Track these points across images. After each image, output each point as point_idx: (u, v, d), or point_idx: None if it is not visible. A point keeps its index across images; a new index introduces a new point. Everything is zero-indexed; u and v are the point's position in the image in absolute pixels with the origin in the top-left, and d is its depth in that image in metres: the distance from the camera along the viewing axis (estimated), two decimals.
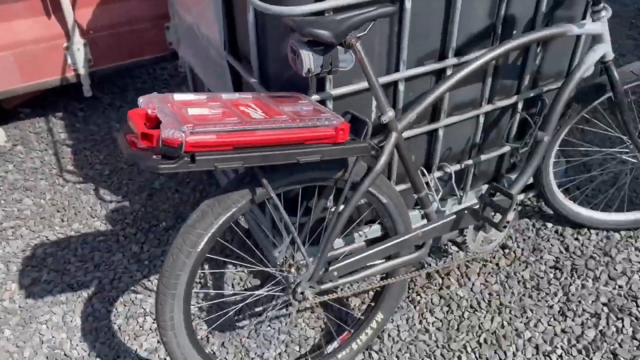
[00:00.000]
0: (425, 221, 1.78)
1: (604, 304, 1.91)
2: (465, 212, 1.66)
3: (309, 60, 1.27)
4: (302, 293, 1.48)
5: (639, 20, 3.72)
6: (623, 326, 1.84)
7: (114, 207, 2.37)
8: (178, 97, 1.28)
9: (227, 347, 1.82)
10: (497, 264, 2.06)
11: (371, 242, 1.88)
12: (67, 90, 3.03)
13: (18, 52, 2.49)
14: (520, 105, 1.93)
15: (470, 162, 1.98)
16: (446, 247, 2.11)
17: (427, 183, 1.91)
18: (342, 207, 1.43)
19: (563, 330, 1.84)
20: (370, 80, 1.38)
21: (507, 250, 2.11)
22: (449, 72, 1.67)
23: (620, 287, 1.97)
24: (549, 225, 2.21)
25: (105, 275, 2.07)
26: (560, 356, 1.76)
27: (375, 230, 1.89)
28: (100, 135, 2.80)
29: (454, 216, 1.65)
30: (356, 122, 1.40)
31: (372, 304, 1.74)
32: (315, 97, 1.50)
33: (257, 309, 1.91)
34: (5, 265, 2.11)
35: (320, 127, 1.24)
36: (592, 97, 1.83)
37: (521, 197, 2.30)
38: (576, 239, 2.15)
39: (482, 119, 1.89)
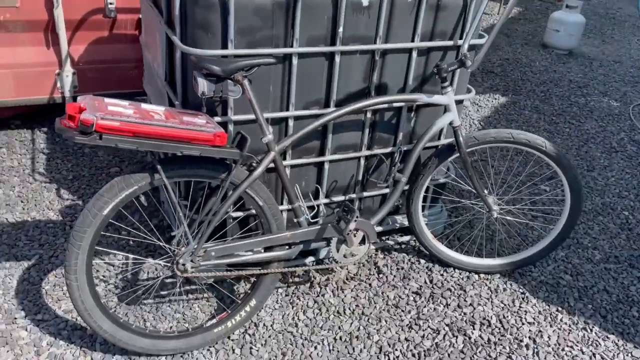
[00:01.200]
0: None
1: (446, 324, 2.31)
2: (328, 224, 2.12)
3: (203, 86, 1.79)
4: (183, 264, 1.92)
5: (559, 117, 4.31)
6: (456, 342, 2.23)
7: (69, 204, 2.82)
8: (108, 100, 1.79)
9: (129, 317, 2.21)
10: (369, 284, 2.48)
11: None
12: (53, 110, 3.57)
13: (16, 72, 3.04)
14: (397, 156, 2.43)
15: (354, 196, 2.45)
16: (331, 265, 2.53)
17: (317, 205, 2.38)
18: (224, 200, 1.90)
19: (406, 339, 2.23)
20: (254, 110, 1.88)
21: (381, 275, 2.53)
22: None
23: (464, 314, 2.37)
24: (422, 261, 2.64)
25: (46, 253, 2.49)
26: (397, 357, 2.15)
27: None
28: (74, 149, 3.30)
29: (318, 226, 2.11)
30: (244, 139, 1.90)
31: (249, 291, 2.16)
32: (217, 118, 2.00)
33: (163, 291, 2.32)
34: None
35: (203, 132, 1.74)
36: (446, 154, 2.33)
37: (406, 238, 2.76)
38: (441, 274, 2.58)
39: (362, 162, 2.38)
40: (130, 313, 2.22)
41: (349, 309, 2.34)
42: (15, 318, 2.16)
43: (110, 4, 3.08)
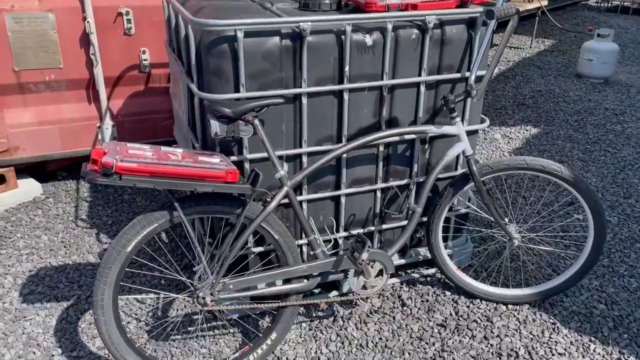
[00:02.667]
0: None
1: (472, 357, 2.27)
2: (344, 256, 2.16)
3: (216, 127, 1.91)
4: (203, 298, 2.00)
5: (594, 146, 4.23)
6: None
7: (107, 248, 2.98)
8: (130, 145, 1.93)
9: (157, 352, 2.29)
10: (393, 317, 2.48)
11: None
12: None
13: (62, 127, 3.31)
14: (412, 187, 2.47)
15: (373, 228, 2.49)
16: (351, 297, 2.55)
17: (335, 239, 2.44)
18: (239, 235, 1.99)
19: None
20: (265, 148, 1.99)
21: (405, 308, 2.53)
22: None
23: (491, 345, 2.33)
24: (448, 293, 2.62)
25: (84, 293, 2.63)
26: None
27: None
28: (114, 196, 3.50)
29: (334, 258, 2.15)
30: (257, 175, 2.00)
31: (269, 325, 2.20)
32: (233, 158, 2.12)
33: (190, 327, 2.40)
34: (14, 279, 2.73)
35: (215, 170, 1.85)
36: (461, 184, 2.35)
37: (432, 270, 2.75)
38: (467, 306, 2.54)
39: (379, 194, 2.43)
40: (159, 349, 2.31)
41: (372, 342, 2.34)
42: (53, 355, 2.28)
43: (145, 60, 3.33)
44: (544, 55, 6.73)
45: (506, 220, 2.41)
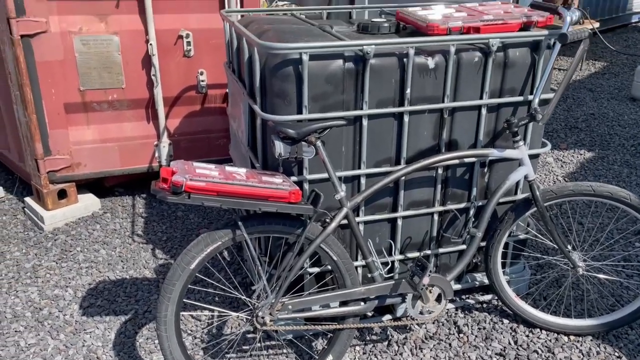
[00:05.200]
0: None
1: None
2: (402, 280, 2.14)
3: (280, 148, 1.94)
4: (262, 317, 2.00)
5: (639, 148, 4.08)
6: None
7: (162, 263, 3.04)
8: (196, 164, 1.98)
9: None
10: (449, 344, 2.42)
11: None
12: (151, 178, 3.92)
13: (122, 145, 3.42)
14: (472, 212, 2.43)
15: (429, 252, 2.46)
16: (408, 322, 2.51)
17: (392, 262, 2.42)
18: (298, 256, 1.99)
19: None
20: (327, 169, 2.00)
21: (461, 335, 2.47)
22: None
23: None
24: (506, 321, 2.55)
25: (141, 308, 2.68)
26: None
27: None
28: (168, 212, 3.58)
29: (392, 282, 2.13)
30: (317, 196, 2.01)
31: (325, 347, 2.19)
32: (294, 178, 2.14)
33: (245, 346, 2.40)
34: (74, 292, 2.81)
35: (279, 190, 1.87)
36: (523, 209, 2.30)
37: (488, 297, 2.69)
38: (527, 335, 2.47)
39: (436, 217, 2.40)
40: None
41: None
42: None
43: (202, 81, 3.42)
44: (596, 78, 6.57)
45: (569, 247, 2.34)
